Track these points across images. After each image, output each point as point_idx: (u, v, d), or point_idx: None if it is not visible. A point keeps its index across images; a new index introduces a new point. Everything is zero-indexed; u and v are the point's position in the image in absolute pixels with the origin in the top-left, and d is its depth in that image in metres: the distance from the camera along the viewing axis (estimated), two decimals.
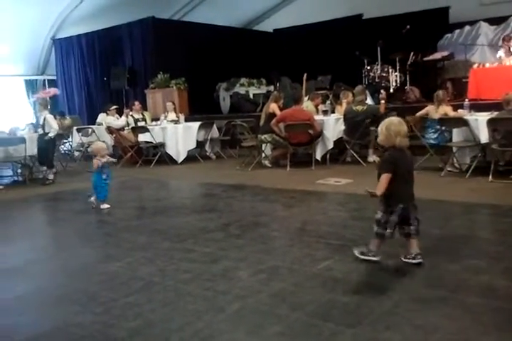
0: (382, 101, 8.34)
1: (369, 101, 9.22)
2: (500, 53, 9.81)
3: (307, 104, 9.18)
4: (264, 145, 8.64)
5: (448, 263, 3.36)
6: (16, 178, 8.78)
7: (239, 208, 5.02)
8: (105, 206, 5.71)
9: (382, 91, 8.96)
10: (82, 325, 2.75)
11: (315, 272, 3.33)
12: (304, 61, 13.37)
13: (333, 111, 9.03)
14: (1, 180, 8.37)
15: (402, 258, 3.38)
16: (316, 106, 9.17)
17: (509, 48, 9.77)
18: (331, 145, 8.25)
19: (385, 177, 3.32)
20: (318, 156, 8.23)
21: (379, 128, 3.46)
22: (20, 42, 14.39)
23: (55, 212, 6.41)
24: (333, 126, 8.29)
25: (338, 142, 8.31)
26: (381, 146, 3.86)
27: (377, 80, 11.64)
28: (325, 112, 8.78)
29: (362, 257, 3.46)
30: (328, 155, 8.34)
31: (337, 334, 2.49)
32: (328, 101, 9.73)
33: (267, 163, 8.50)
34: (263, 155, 8.61)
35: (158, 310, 2.87)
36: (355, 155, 8.15)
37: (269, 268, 3.45)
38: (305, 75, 10.49)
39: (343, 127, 8.24)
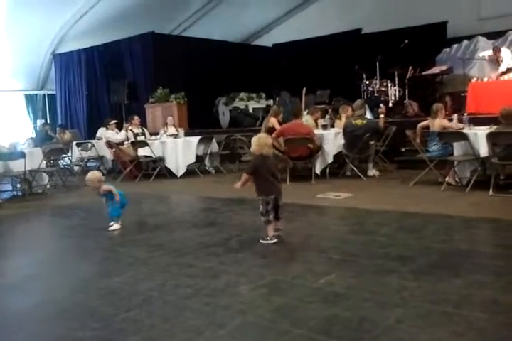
0: (382, 116, 8.37)
1: (368, 115, 9.25)
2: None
3: (306, 118, 9.21)
4: None
5: (451, 278, 3.33)
6: (15, 193, 8.75)
7: (239, 222, 4.99)
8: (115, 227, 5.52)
9: (381, 105, 9.01)
10: (81, 340, 2.71)
11: (316, 287, 3.30)
12: (303, 75, 13.46)
13: (332, 126, 9.05)
14: (0, 195, 8.34)
15: (261, 240, 4.44)
16: (316, 121, 9.19)
17: (497, 59, 9.88)
18: (330, 160, 8.25)
19: (244, 176, 4.53)
20: (318, 170, 8.22)
21: (252, 141, 4.58)
22: (21, 57, 14.48)
23: (54, 226, 6.38)
24: (332, 140, 8.30)
25: (337, 156, 8.32)
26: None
27: (376, 94, 11.71)
28: (324, 126, 8.80)
29: (265, 242, 4.43)
30: (327, 170, 8.34)
31: None
32: (328, 116, 9.76)
33: None
34: None
35: (158, 326, 2.84)
36: (354, 169, 8.14)
37: (269, 282, 3.42)
38: (304, 89, 10.56)
39: (342, 141, 8.25)
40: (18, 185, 8.72)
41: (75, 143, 11.22)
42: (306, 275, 3.52)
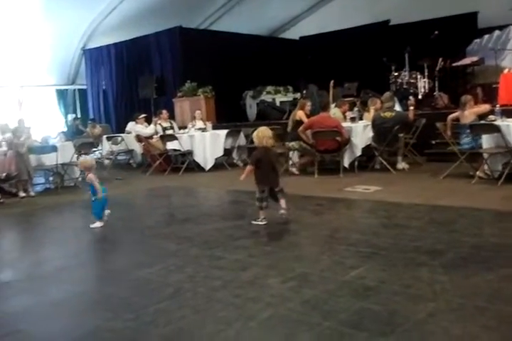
0: (411, 108, 8.25)
1: (397, 107, 9.13)
2: None
3: (334, 111, 9.15)
4: (291, 153, 8.63)
5: (482, 272, 3.28)
6: (47, 186, 8.95)
7: (267, 215, 5.00)
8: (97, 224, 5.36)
9: (410, 97, 8.89)
10: (114, 331, 2.77)
11: (346, 280, 3.29)
12: (331, 68, 13.33)
13: (360, 118, 8.98)
14: (33, 188, 8.52)
15: (253, 221, 4.90)
16: (344, 113, 9.13)
17: None
18: (359, 153, 8.19)
19: (249, 168, 4.99)
20: (346, 163, 8.17)
21: (253, 135, 5.04)
22: (52, 53, 14.75)
23: (86, 219, 6.47)
24: (361, 133, 8.23)
25: (366, 149, 8.24)
26: (254, 147, 5.26)
27: (405, 87, 11.52)
28: (353, 119, 8.73)
29: (255, 223, 4.86)
30: (356, 163, 8.28)
31: None
32: (356, 108, 9.68)
33: (294, 170, 8.48)
34: (290, 162, 8.59)
35: (188, 317, 2.88)
36: (383, 162, 8.06)
37: (299, 275, 3.43)
38: (332, 82, 10.47)
39: (371, 134, 8.17)
40: (51, 178, 8.92)
41: (105, 137, 11.39)
42: (335, 269, 3.52)
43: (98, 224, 5.32)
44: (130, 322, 2.85)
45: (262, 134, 4.95)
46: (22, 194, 7.80)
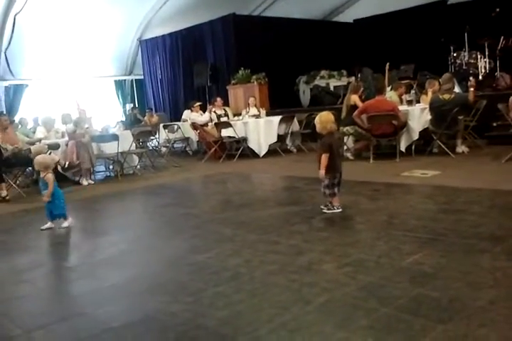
0: (471, 89, 7.94)
1: (457, 89, 8.82)
2: None
3: (390, 94, 8.96)
4: (346, 138, 8.53)
5: None
6: (108, 174, 9.27)
7: (322, 201, 4.98)
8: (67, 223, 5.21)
9: (470, 78, 8.54)
10: (173, 313, 2.85)
11: (403, 266, 3.25)
12: (386, 51, 13.02)
13: (418, 101, 8.75)
14: (95, 176, 8.86)
15: (326, 210, 4.76)
16: (400, 96, 8.92)
17: None
18: (416, 136, 7.99)
19: (325, 157, 4.66)
20: (403, 148, 8.00)
21: (315, 121, 4.81)
22: (110, 44, 15.16)
23: (145, 205, 6.71)
24: (418, 116, 8.03)
25: (423, 132, 8.03)
26: (318, 134, 4.90)
27: (464, 67, 11.12)
28: (410, 102, 8.53)
29: (329, 211, 4.75)
30: (413, 147, 8.09)
31: (428, 329, 2.42)
32: (413, 91, 9.43)
33: (349, 155, 8.38)
34: (345, 147, 8.50)
35: (246, 301, 2.93)
36: (442, 145, 7.83)
37: (355, 261, 3.41)
38: (387, 65, 10.23)
39: (429, 117, 7.95)
40: (111, 167, 9.24)
41: (162, 125, 11.63)
42: (392, 254, 3.48)
43: (67, 223, 5.16)
44: (189, 305, 2.94)
45: (325, 119, 4.77)
46: (84, 182, 8.12)
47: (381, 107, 7.85)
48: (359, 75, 12.74)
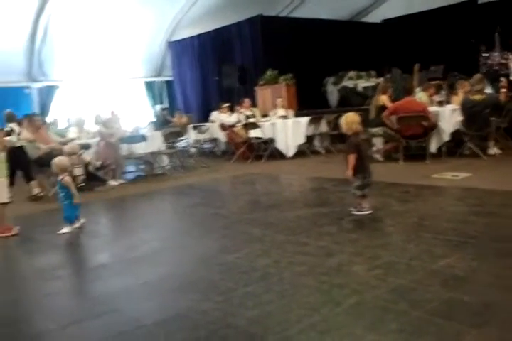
0: (503, 90, 7.81)
1: (488, 90, 8.68)
2: None
3: (420, 95, 8.86)
4: (375, 139, 8.47)
5: None
6: (138, 174, 9.41)
7: (351, 203, 4.96)
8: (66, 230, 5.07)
9: (502, 79, 8.40)
10: (204, 312, 2.88)
11: (434, 269, 3.22)
12: (415, 51, 12.88)
13: (448, 102, 8.63)
14: (125, 176, 9.00)
15: (356, 212, 4.74)
16: (430, 97, 8.81)
17: None
18: (447, 138, 7.88)
19: (352, 158, 4.64)
20: (433, 149, 7.90)
21: (340, 122, 4.83)
22: (140, 46, 15.35)
23: (175, 205, 6.79)
24: (448, 117, 7.91)
25: (454, 134, 7.91)
26: (345, 135, 4.90)
27: (495, 68, 10.93)
28: (440, 103, 8.41)
29: (359, 213, 4.71)
30: (443, 148, 7.98)
31: (460, 333, 2.40)
32: (443, 92, 9.30)
33: (378, 156, 8.32)
34: (374, 148, 8.44)
35: (275, 301, 2.94)
36: (473, 147, 7.71)
37: (385, 263, 3.40)
38: (416, 66, 10.12)
39: (460, 118, 7.84)
40: (141, 167, 9.37)
41: (191, 126, 11.73)
42: (423, 257, 3.45)
43: (66, 229, 5.03)
44: (220, 304, 2.97)
45: (351, 120, 4.76)
46: (114, 182, 8.26)
47: (411, 108, 7.77)
48: (388, 76, 12.63)
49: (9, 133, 6.32)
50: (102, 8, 13.19)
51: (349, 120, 4.77)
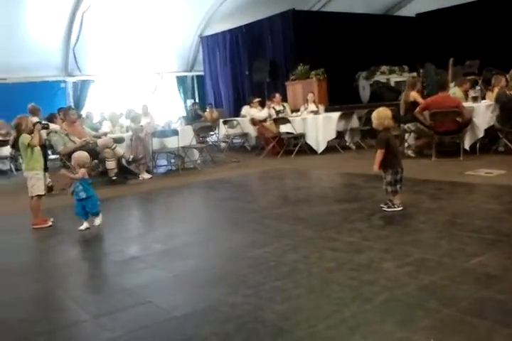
0: None
1: None
2: None
3: (454, 91, 8.69)
4: (407, 135, 8.35)
5: None
6: (169, 167, 9.52)
7: (381, 199, 4.92)
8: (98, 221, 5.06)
9: None
10: (233, 305, 2.91)
11: (467, 267, 3.17)
12: (450, 45, 12.64)
13: (483, 97, 8.44)
14: (156, 169, 9.12)
15: (386, 208, 4.70)
16: (465, 93, 8.63)
17: None
18: (481, 134, 7.72)
19: (380, 153, 4.63)
20: (467, 145, 7.75)
21: (372, 116, 4.76)
22: (173, 41, 15.49)
23: (205, 198, 6.84)
24: (483, 113, 7.75)
25: (489, 130, 7.74)
26: (376, 130, 4.85)
27: None
28: (475, 98, 8.23)
29: (390, 210, 4.67)
30: (477, 145, 7.82)
31: (493, 332, 2.36)
32: (478, 87, 9.10)
33: (410, 152, 8.21)
34: (406, 144, 8.33)
35: (304, 296, 2.95)
36: (509, 144, 7.53)
37: (416, 260, 3.36)
38: (451, 60, 9.93)
39: (495, 114, 7.66)
40: (172, 161, 9.48)
41: (221, 121, 11.79)
42: (455, 255, 3.40)
43: (98, 220, 5.04)
44: (249, 297, 2.99)
45: (383, 115, 4.71)
46: (145, 175, 8.37)
47: (445, 104, 7.63)
48: (421, 71, 12.43)
49: (46, 127, 6.45)
50: (136, 4, 13.35)
51: (380, 115, 4.72)
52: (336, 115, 9.76)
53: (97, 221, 5.05)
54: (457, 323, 2.47)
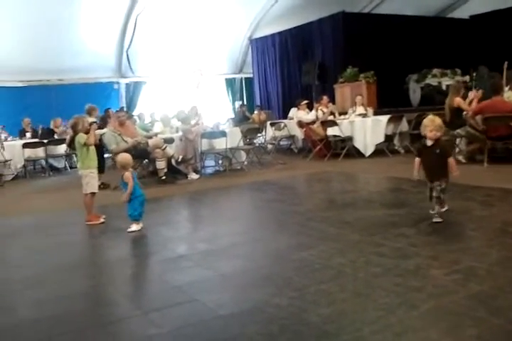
0: None
1: None
2: None
3: (509, 95, 8.44)
4: (458, 140, 8.17)
5: None
6: (217, 168, 9.66)
7: (429, 205, 4.83)
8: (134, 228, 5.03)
9: None
10: (279, 306, 2.94)
11: None
12: (505, 48, 12.24)
13: None
14: (204, 170, 9.26)
15: (435, 215, 4.49)
16: None
17: None
18: None
19: (416, 161, 4.61)
20: None
21: (426, 124, 4.51)
22: (223, 44, 15.69)
23: (252, 200, 6.91)
24: None
25: None
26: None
27: None
28: None
29: (439, 216, 4.49)
30: None
31: None
32: None
33: (461, 158, 8.02)
34: (457, 150, 8.15)
35: (350, 300, 2.96)
36: None
37: (465, 268, 3.30)
38: (506, 63, 9.64)
39: None
40: (220, 161, 9.61)
41: (269, 123, 11.85)
42: (506, 264, 3.32)
43: (135, 227, 5.01)
44: (294, 300, 3.02)
45: (440, 123, 4.53)
46: (193, 176, 8.52)
47: (499, 108, 7.44)
48: (474, 74, 12.12)
49: (102, 127, 6.66)
50: (187, 7, 13.60)
51: (437, 123, 4.51)
52: (385, 118, 9.65)
53: (133, 227, 5.00)
54: (506, 334, 2.43)
